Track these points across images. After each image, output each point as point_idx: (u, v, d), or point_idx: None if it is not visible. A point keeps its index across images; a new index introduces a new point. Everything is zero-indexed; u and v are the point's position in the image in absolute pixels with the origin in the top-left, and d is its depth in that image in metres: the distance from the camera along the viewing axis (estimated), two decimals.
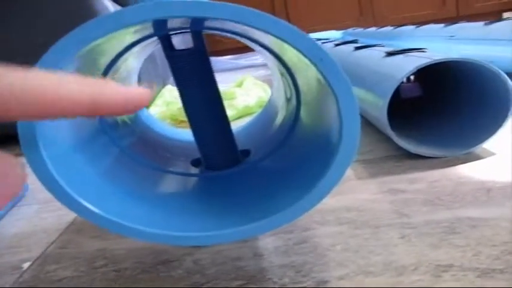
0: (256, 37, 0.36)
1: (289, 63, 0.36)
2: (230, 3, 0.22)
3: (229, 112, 0.90)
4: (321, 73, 0.23)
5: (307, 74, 0.31)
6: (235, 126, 0.53)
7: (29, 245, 0.47)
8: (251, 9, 0.23)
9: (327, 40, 1.37)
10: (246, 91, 1.04)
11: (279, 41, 0.26)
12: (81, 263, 0.40)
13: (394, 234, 0.36)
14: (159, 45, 0.37)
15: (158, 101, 1.08)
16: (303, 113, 0.37)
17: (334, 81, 0.23)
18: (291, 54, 0.31)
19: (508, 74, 0.49)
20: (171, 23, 0.35)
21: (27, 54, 0.72)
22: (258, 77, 1.34)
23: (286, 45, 0.25)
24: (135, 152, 0.36)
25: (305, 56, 0.23)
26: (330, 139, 0.27)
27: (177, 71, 0.36)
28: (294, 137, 0.37)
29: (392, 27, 1.71)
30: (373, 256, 0.34)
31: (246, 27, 0.28)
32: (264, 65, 1.74)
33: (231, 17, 0.22)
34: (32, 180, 0.25)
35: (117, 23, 0.24)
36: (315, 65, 0.23)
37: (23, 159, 0.26)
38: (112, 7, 0.99)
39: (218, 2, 0.23)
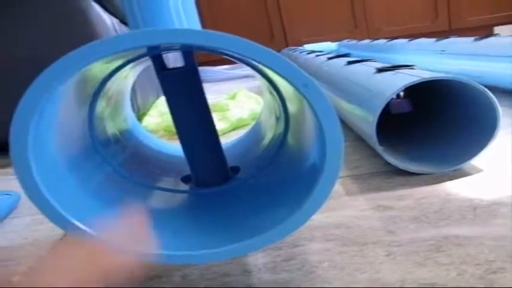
0: (248, 60, 0.37)
1: (280, 88, 0.37)
2: (214, 31, 0.23)
3: (223, 124, 0.91)
4: (305, 98, 0.24)
5: (295, 99, 0.32)
6: (227, 140, 0.54)
7: (19, 258, 0.47)
8: (235, 36, 0.23)
9: (321, 53, 1.38)
10: (239, 103, 1.05)
11: None
12: None
13: (380, 252, 0.37)
14: None
15: (153, 112, 1.09)
16: (290, 135, 0.37)
17: (318, 107, 0.24)
18: (281, 79, 0.32)
19: (496, 89, 0.50)
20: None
21: (24, 65, 0.72)
22: (253, 88, 1.35)
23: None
24: (126, 169, 0.36)
25: (288, 81, 0.24)
26: (314, 161, 0.28)
27: (168, 90, 0.36)
28: (282, 156, 0.38)
29: (385, 40, 1.73)
30: (359, 274, 0.34)
31: None
32: None
33: (215, 44, 0.23)
34: None
35: (109, 50, 0.24)
36: (299, 90, 0.24)
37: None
38: (108, 18, 1.00)
39: (202, 30, 0.23)
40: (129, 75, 0.44)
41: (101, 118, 0.36)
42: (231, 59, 0.39)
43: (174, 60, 0.39)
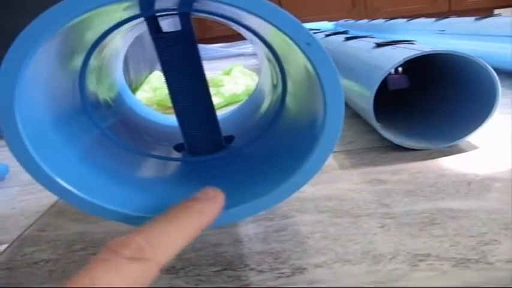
0: (246, 22, 0.35)
1: (278, 51, 0.36)
2: None
3: (216, 100, 0.90)
4: (308, 58, 0.23)
5: (296, 62, 0.30)
6: (221, 113, 0.53)
7: (7, 227, 0.46)
8: None
9: (317, 30, 1.36)
10: (234, 79, 1.04)
11: (268, 27, 0.26)
12: (60, 246, 0.40)
13: (373, 224, 0.37)
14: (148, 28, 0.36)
15: (145, 87, 1.07)
16: (289, 100, 0.36)
17: (321, 67, 0.23)
18: (280, 42, 0.31)
19: (496, 69, 0.49)
20: (158, 4, 0.34)
21: None
22: (248, 66, 1.33)
23: (276, 32, 0.25)
24: (116, 134, 0.35)
25: (292, 39, 0.23)
26: (313, 126, 0.27)
27: (163, 54, 0.35)
28: (279, 124, 0.37)
29: (383, 20, 1.71)
30: (351, 244, 0.34)
31: (235, 11, 0.27)
32: (254, 54, 1.72)
33: None
34: (14, 163, 0.24)
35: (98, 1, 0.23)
36: (302, 49, 0.23)
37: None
38: None
39: None
40: (124, 36, 0.42)
41: (92, 78, 0.35)
42: (227, 22, 0.38)
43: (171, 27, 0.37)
